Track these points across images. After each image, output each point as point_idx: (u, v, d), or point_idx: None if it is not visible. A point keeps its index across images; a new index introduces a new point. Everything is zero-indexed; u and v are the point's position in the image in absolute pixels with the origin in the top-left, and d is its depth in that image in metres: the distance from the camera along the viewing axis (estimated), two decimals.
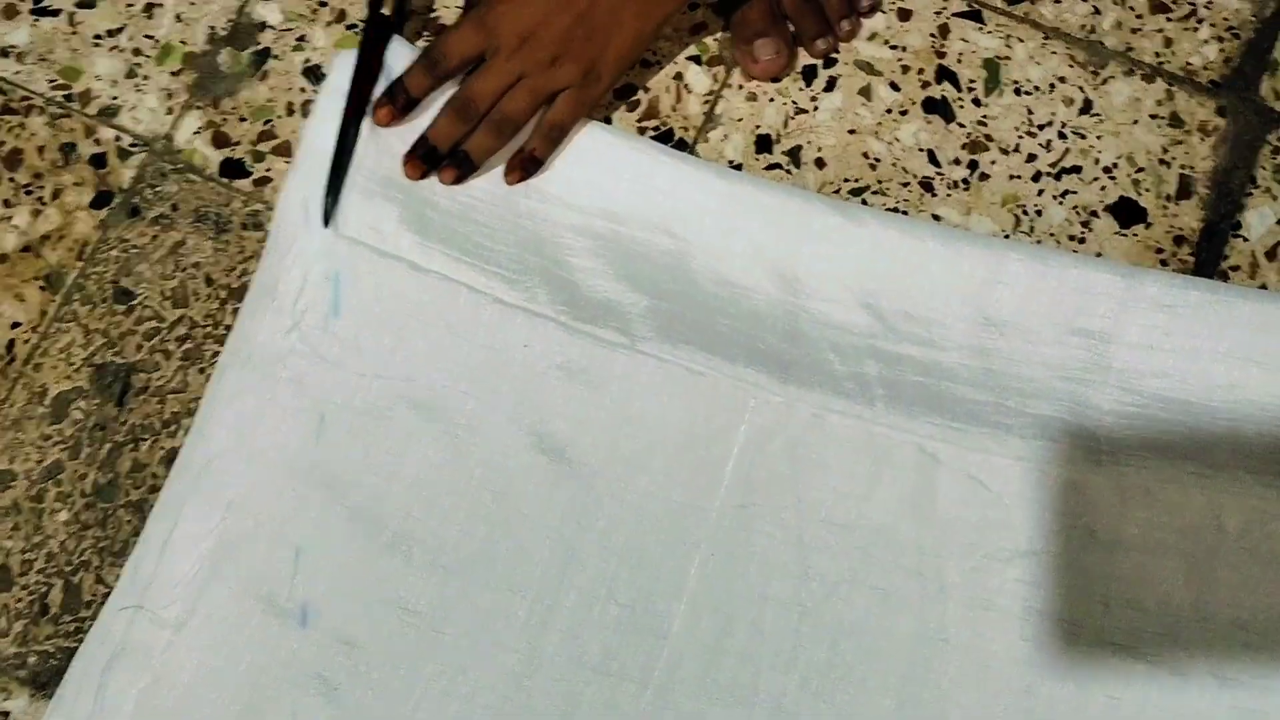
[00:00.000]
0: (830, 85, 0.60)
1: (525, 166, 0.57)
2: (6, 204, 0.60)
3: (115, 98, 0.61)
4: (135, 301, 0.58)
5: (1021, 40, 0.60)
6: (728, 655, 0.52)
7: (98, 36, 0.62)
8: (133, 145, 0.60)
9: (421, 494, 0.54)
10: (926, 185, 0.58)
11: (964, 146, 0.59)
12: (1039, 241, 0.57)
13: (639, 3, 0.55)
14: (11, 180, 0.60)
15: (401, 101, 0.56)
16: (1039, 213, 0.58)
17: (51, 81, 0.61)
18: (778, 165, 0.59)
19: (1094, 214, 0.58)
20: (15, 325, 0.58)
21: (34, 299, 0.58)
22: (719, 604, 0.53)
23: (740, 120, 0.59)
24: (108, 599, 0.53)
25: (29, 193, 0.60)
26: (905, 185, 0.58)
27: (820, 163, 0.59)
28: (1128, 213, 0.58)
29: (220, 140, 0.61)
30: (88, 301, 0.58)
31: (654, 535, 0.53)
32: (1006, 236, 0.58)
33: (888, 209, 0.58)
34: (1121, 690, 0.51)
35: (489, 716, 0.51)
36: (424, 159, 0.57)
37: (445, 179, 0.57)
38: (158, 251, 0.59)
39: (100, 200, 0.60)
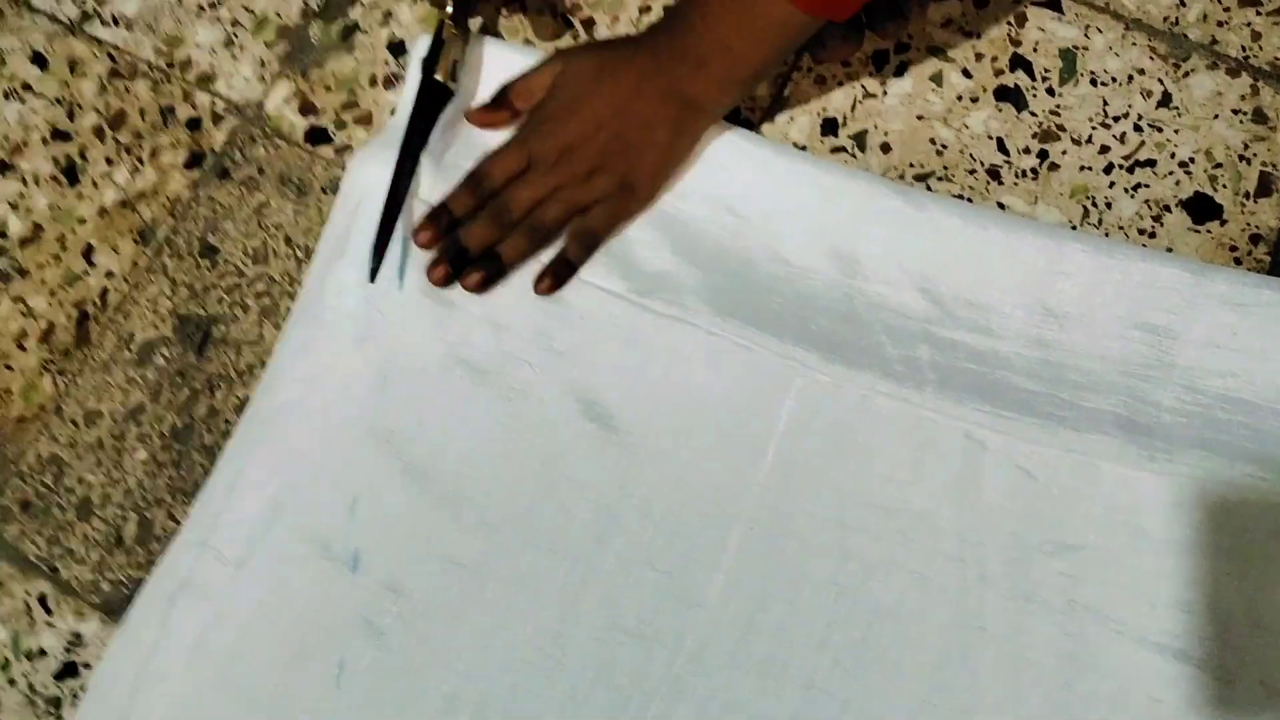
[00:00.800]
0: (901, 70, 0.59)
1: (559, 272, 0.57)
2: (109, 161, 0.64)
3: (213, 65, 0.65)
4: (219, 257, 0.61)
5: (1101, 31, 0.59)
6: (761, 630, 0.52)
7: (200, 8, 0.65)
8: (226, 110, 0.64)
9: (473, 454, 0.56)
10: (994, 173, 0.58)
11: (1035, 136, 0.58)
12: (1107, 234, 0.56)
13: (672, 121, 0.56)
14: (114, 139, 0.64)
15: (445, 223, 0.57)
16: (1109, 205, 0.56)
17: (156, 49, 0.65)
18: (843, 149, 0.59)
19: (1166, 208, 0.56)
20: (109, 275, 0.62)
21: (127, 251, 0.62)
22: (756, 578, 0.53)
23: (807, 103, 0.60)
24: (177, 535, 0.56)
25: (129, 152, 0.64)
26: (971, 172, 0.58)
27: (886, 147, 0.59)
28: (1202, 209, 0.56)
29: (307, 108, 0.63)
30: (176, 255, 0.62)
31: (694, 506, 0.54)
32: (1074, 228, 0.57)
33: (952, 196, 0.58)
34: (1164, 692, 0.50)
35: (525, 669, 0.53)
36: (452, 260, 0.57)
37: (470, 283, 0.57)
38: (243, 211, 0.62)
39: (193, 161, 0.63)
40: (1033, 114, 0.58)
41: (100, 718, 0.54)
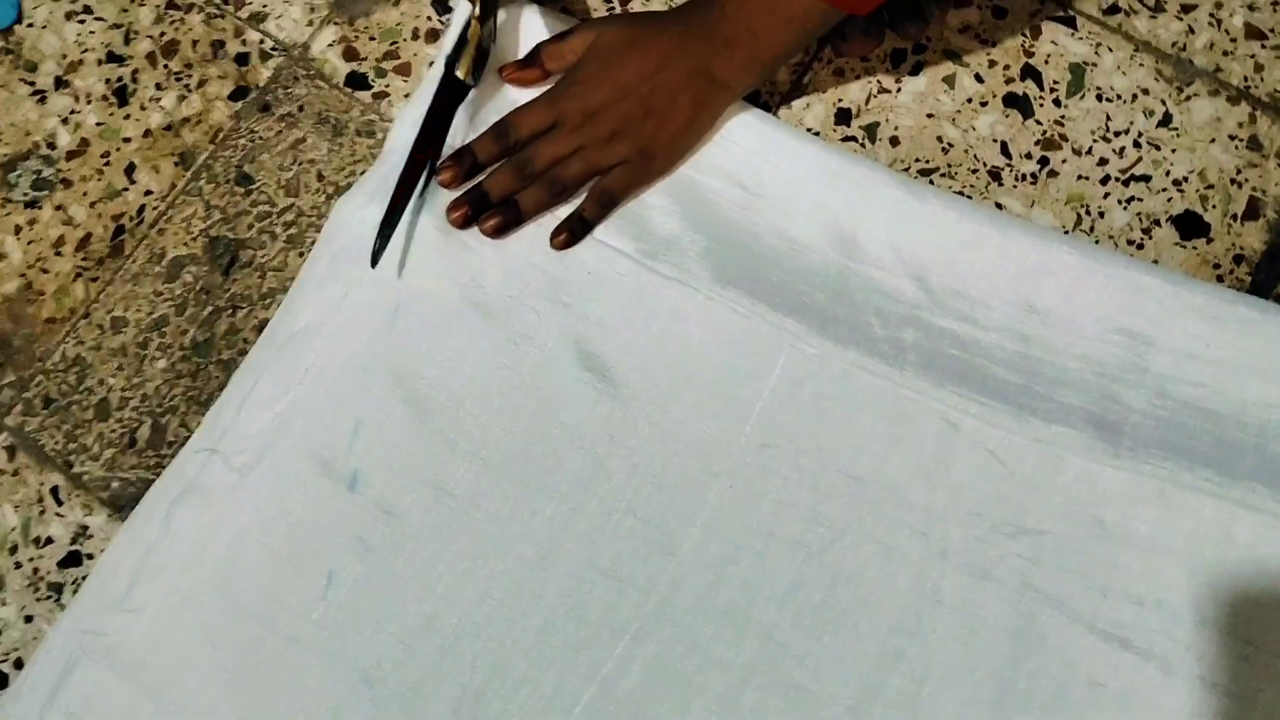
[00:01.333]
0: (916, 70, 0.62)
1: (574, 229, 0.60)
2: (158, 87, 0.67)
3: (265, 5, 0.68)
4: (254, 186, 0.64)
5: (1111, 50, 0.61)
6: (729, 582, 0.55)
7: None
8: (273, 49, 0.67)
9: (474, 390, 0.58)
10: (995, 175, 0.60)
11: (1038, 143, 0.60)
12: (1097, 242, 0.59)
13: (695, 95, 0.58)
14: (165, 67, 0.67)
15: (468, 165, 0.60)
16: (1101, 214, 0.59)
17: None
18: (853, 138, 0.62)
19: (1156, 223, 0.59)
20: (148, 193, 0.65)
21: (167, 172, 0.65)
22: (729, 533, 0.55)
23: (825, 92, 0.63)
24: (187, 441, 0.59)
25: (178, 79, 0.67)
26: (974, 172, 0.60)
27: (895, 141, 0.61)
28: (1190, 226, 0.58)
29: (350, 54, 0.66)
30: (213, 180, 0.65)
31: (679, 460, 0.57)
32: (1066, 233, 0.59)
33: (953, 192, 0.60)
34: (1107, 678, 0.52)
35: (503, 598, 0.55)
36: (472, 204, 0.59)
37: (487, 227, 0.60)
38: (280, 145, 0.65)
39: (237, 94, 0.66)
40: (1038, 122, 0.61)
41: (98, 605, 0.57)
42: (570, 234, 0.60)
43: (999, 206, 0.60)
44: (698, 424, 0.57)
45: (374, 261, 0.58)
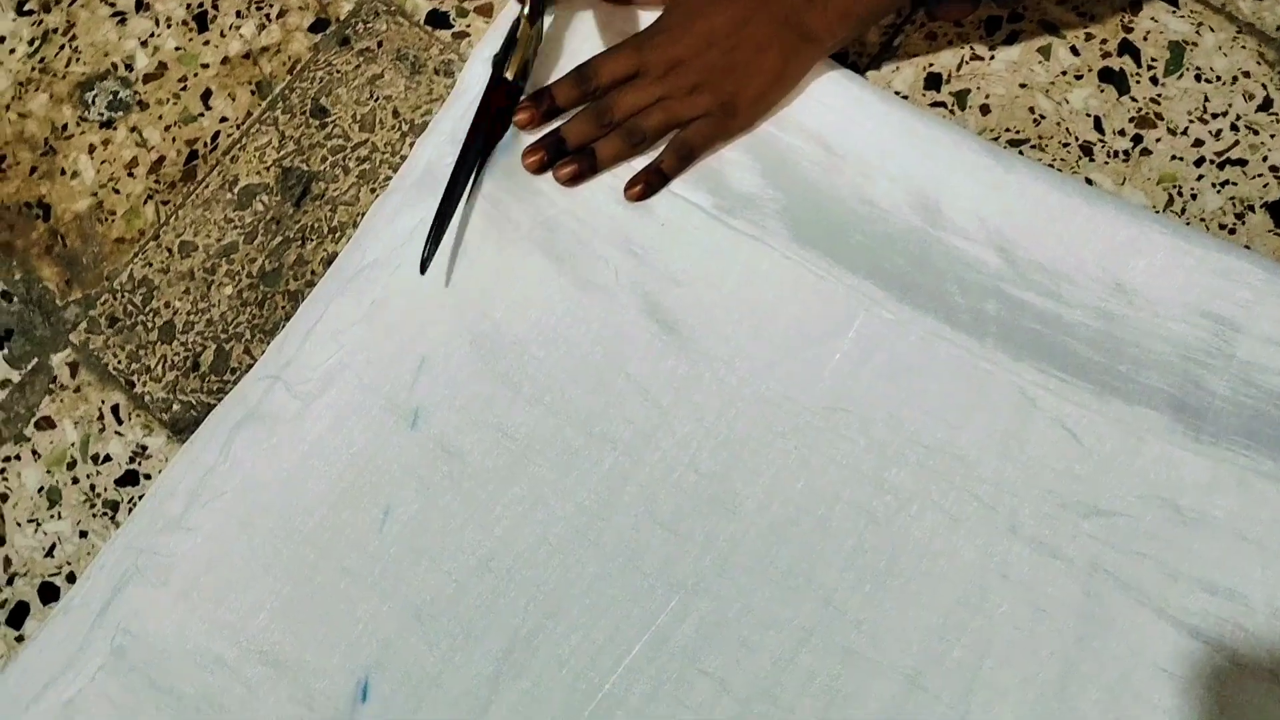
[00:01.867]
0: (1011, 39, 0.61)
1: (651, 180, 0.59)
2: (238, 15, 0.66)
3: None
4: (329, 119, 0.64)
5: (1213, 30, 0.60)
6: (789, 543, 0.54)
7: None
8: None
9: (540, 335, 0.58)
10: (1086, 149, 0.59)
11: (1132, 120, 0.59)
12: (1188, 224, 0.57)
13: (784, 48, 0.57)
14: None
15: (545, 107, 0.59)
16: (1194, 196, 0.57)
17: None
18: (942, 104, 0.60)
19: (1250, 208, 0.57)
20: (223, 120, 0.65)
21: (244, 100, 0.65)
22: (792, 495, 0.55)
23: (915, 56, 0.61)
24: (251, 369, 0.59)
25: (258, 8, 0.66)
26: (1065, 145, 0.59)
27: (985, 109, 0.60)
28: None
29: None
30: (288, 111, 0.64)
31: (744, 419, 0.56)
32: (1157, 212, 0.58)
33: (1043, 164, 0.59)
34: (1174, 666, 0.51)
35: (560, 545, 0.55)
36: (549, 149, 0.59)
37: (563, 175, 0.59)
38: (357, 80, 0.65)
39: (317, 26, 0.66)
40: (1133, 99, 0.59)
41: (153, 524, 0.57)
42: (646, 185, 0.59)
43: (1089, 182, 0.58)
44: (766, 383, 0.56)
45: (423, 268, 0.56)
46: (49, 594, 0.58)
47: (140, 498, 0.59)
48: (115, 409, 0.60)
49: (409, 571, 0.55)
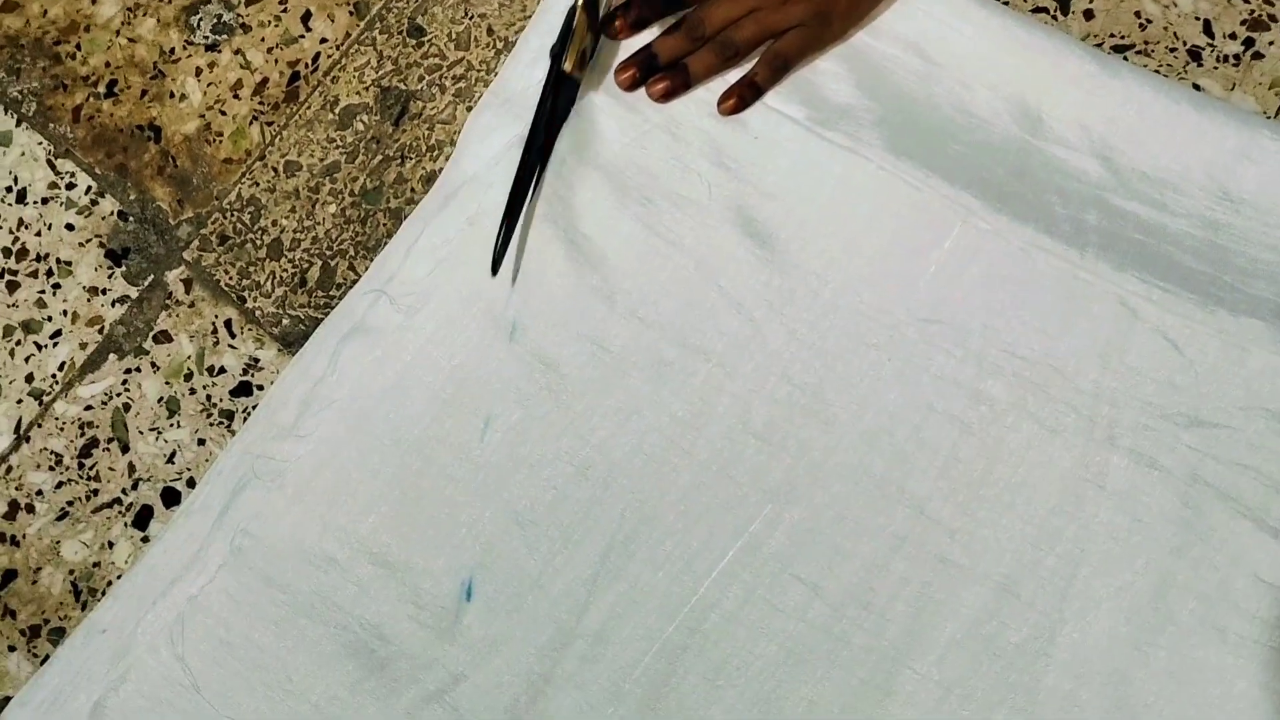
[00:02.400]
0: None
1: (744, 94, 0.58)
2: None
3: None
4: (425, 38, 0.65)
5: None
6: (883, 452, 0.55)
7: None
8: None
9: (635, 249, 0.59)
10: (1194, 54, 0.57)
11: (1244, 23, 0.57)
12: None
13: None
14: None
15: (634, 17, 0.58)
16: None
17: None
18: (1044, 9, 0.59)
19: None
20: (323, 41, 0.66)
21: (342, 21, 0.66)
22: (886, 405, 0.55)
23: None
24: (356, 284, 0.61)
25: None
26: (1172, 50, 0.57)
27: (1089, 14, 0.58)
28: None
29: None
30: (386, 31, 0.65)
31: (838, 330, 0.56)
32: (1268, 118, 0.56)
33: (1149, 70, 0.57)
34: (1273, 574, 0.50)
35: (655, 453, 0.56)
36: (641, 65, 0.59)
37: (655, 91, 0.59)
38: None
39: None
40: (1245, 1, 0.57)
41: (267, 432, 0.60)
42: (740, 99, 0.59)
43: (1196, 88, 0.57)
44: (860, 296, 0.56)
45: (494, 269, 0.57)
46: (171, 498, 0.62)
47: (254, 407, 0.62)
48: (228, 323, 0.63)
49: (509, 478, 0.57)
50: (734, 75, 0.59)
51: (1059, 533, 0.52)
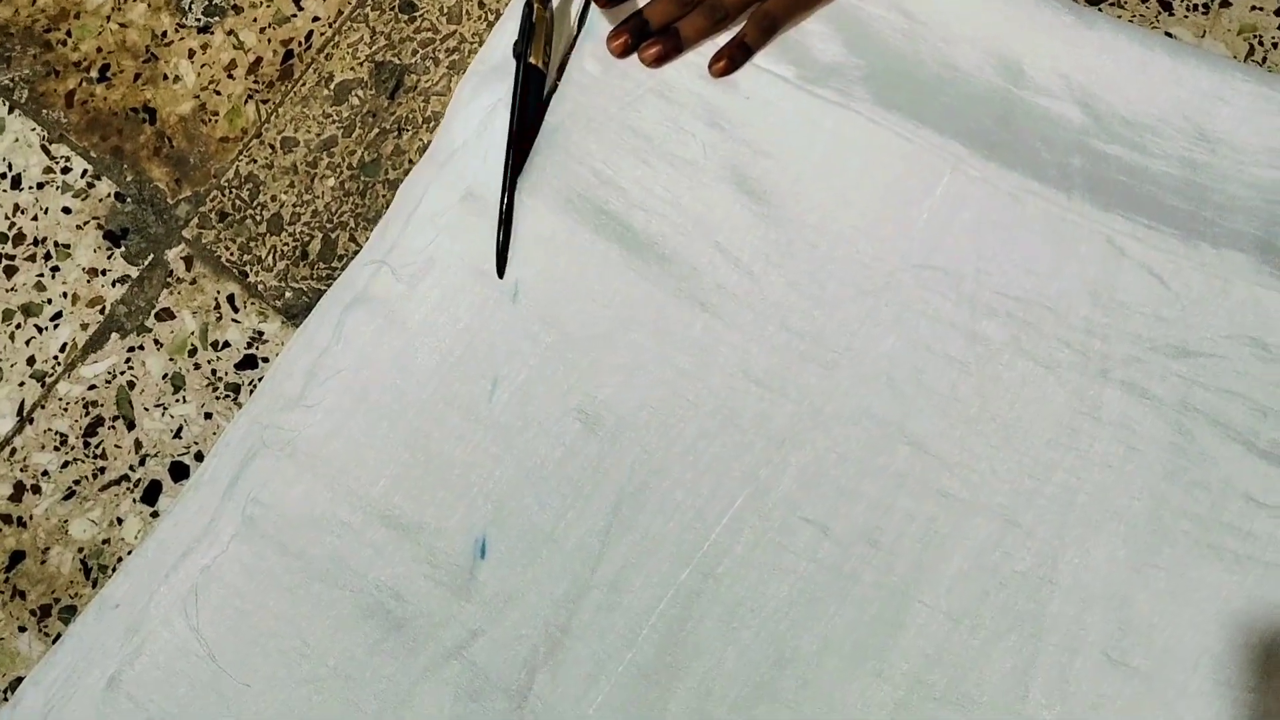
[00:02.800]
0: None
1: (734, 55, 0.60)
2: None
3: None
4: (417, 13, 0.66)
5: None
6: (883, 392, 0.56)
7: None
8: None
9: (629, 208, 0.60)
10: (1165, 4, 0.59)
11: None
12: (1270, 71, 0.58)
13: None
14: None
15: None
16: (1275, 45, 0.58)
17: None
18: None
19: None
20: (315, 19, 0.67)
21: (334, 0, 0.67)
22: (884, 349, 0.56)
23: None
24: (357, 255, 0.62)
25: None
26: (1144, 1, 0.60)
27: None
28: None
29: None
30: (378, 8, 0.66)
31: (835, 279, 0.58)
32: (1239, 62, 0.58)
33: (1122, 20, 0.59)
34: (1266, 497, 0.52)
35: (660, 405, 0.57)
36: (633, 31, 0.60)
37: (648, 56, 0.60)
38: None
39: None
40: None
41: (274, 403, 0.60)
42: (730, 61, 0.60)
43: (1169, 35, 0.59)
44: (856, 246, 0.58)
45: (500, 272, 0.59)
46: (179, 472, 0.62)
47: (260, 380, 0.62)
48: (230, 298, 0.63)
49: (518, 437, 0.58)
50: (724, 38, 0.61)
51: (1056, 464, 0.54)
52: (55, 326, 0.64)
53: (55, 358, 0.64)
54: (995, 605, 0.53)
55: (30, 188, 0.66)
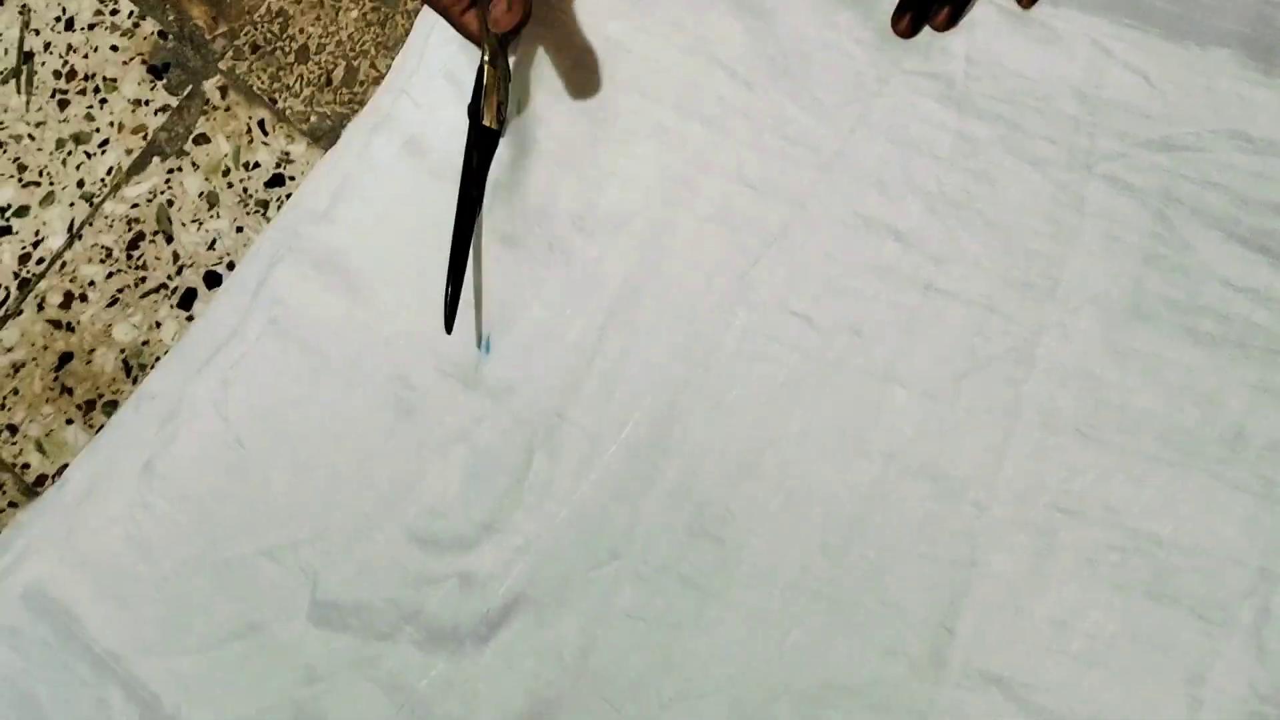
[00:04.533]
0: None
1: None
2: None
3: None
4: None
5: None
6: (868, 192, 0.57)
7: None
8: None
9: (634, 35, 0.62)
10: None
11: None
12: None
13: None
14: None
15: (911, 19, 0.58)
16: None
17: None
18: None
19: None
20: None
21: None
22: (875, 151, 0.58)
23: None
24: (378, 81, 0.65)
25: None
26: None
27: None
28: None
29: None
30: None
31: (830, 89, 0.59)
32: None
33: None
34: (1241, 278, 0.53)
35: (656, 213, 0.59)
36: (914, 7, 0.58)
37: (940, 22, 0.58)
38: None
39: None
40: None
41: (301, 217, 0.64)
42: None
43: None
44: (849, 53, 0.59)
45: (448, 328, 0.58)
46: (213, 280, 0.66)
47: (288, 197, 0.66)
48: (261, 123, 0.68)
49: (523, 245, 0.61)
50: None
51: (1038, 254, 0.56)
52: (102, 152, 0.69)
53: (102, 180, 0.68)
54: (973, 386, 0.55)
55: (82, 29, 0.71)
